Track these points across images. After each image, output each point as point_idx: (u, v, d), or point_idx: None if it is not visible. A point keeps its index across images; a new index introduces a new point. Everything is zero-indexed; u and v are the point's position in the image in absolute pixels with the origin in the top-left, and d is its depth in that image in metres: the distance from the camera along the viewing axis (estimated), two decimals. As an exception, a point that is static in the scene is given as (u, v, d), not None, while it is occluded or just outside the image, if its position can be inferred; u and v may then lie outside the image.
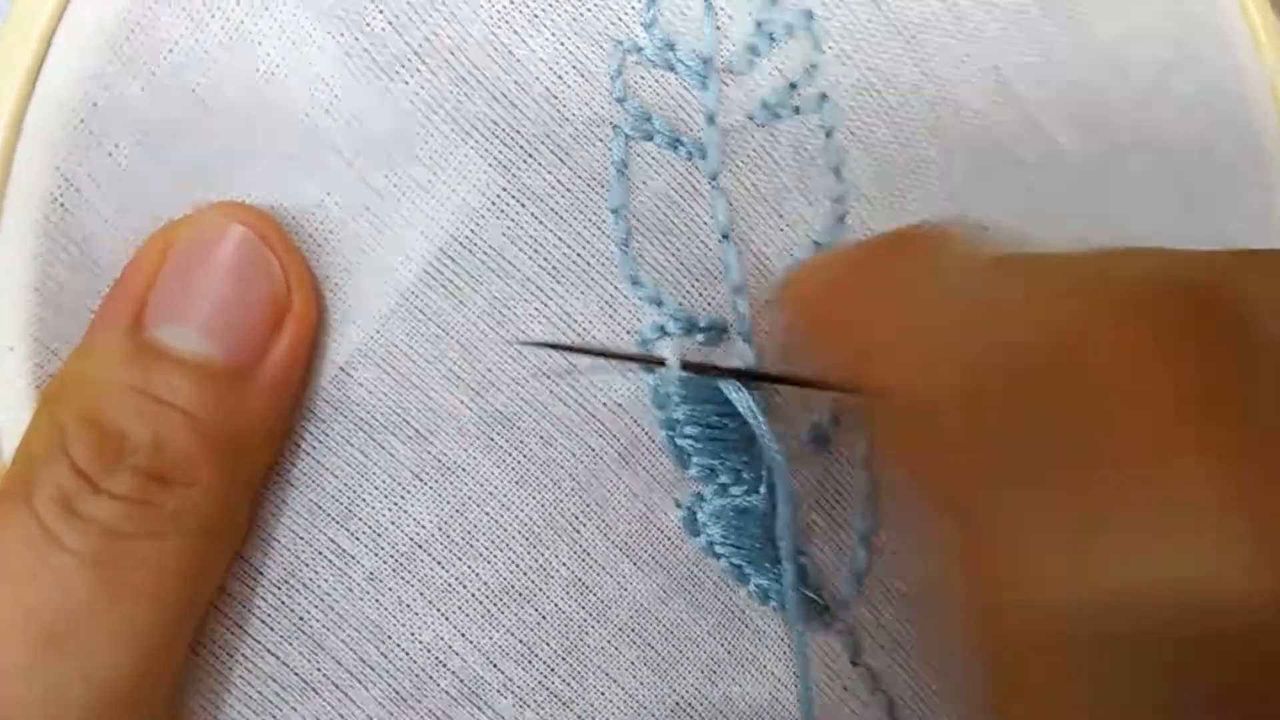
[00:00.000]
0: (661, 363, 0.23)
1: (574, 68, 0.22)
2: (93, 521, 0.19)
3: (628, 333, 0.24)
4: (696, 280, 0.24)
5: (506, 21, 0.22)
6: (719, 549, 0.25)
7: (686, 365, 0.23)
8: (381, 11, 0.21)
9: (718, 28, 0.23)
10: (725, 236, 0.24)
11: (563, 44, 0.22)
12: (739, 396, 0.24)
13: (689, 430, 0.24)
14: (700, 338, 0.24)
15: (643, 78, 0.23)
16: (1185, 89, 0.27)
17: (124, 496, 0.19)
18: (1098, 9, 0.26)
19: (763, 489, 0.25)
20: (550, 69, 0.22)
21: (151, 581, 0.19)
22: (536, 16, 0.22)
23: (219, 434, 0.20)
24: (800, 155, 0.24)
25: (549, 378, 0.23)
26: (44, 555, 0.18)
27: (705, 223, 0.24)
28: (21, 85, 0.20)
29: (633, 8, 0.23)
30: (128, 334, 0.20)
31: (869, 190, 0.25)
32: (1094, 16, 0.26)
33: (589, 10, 0.22)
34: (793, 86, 0.24)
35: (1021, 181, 0.26)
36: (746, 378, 0.24)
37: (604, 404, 0.24)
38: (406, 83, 0.22)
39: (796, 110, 0.24)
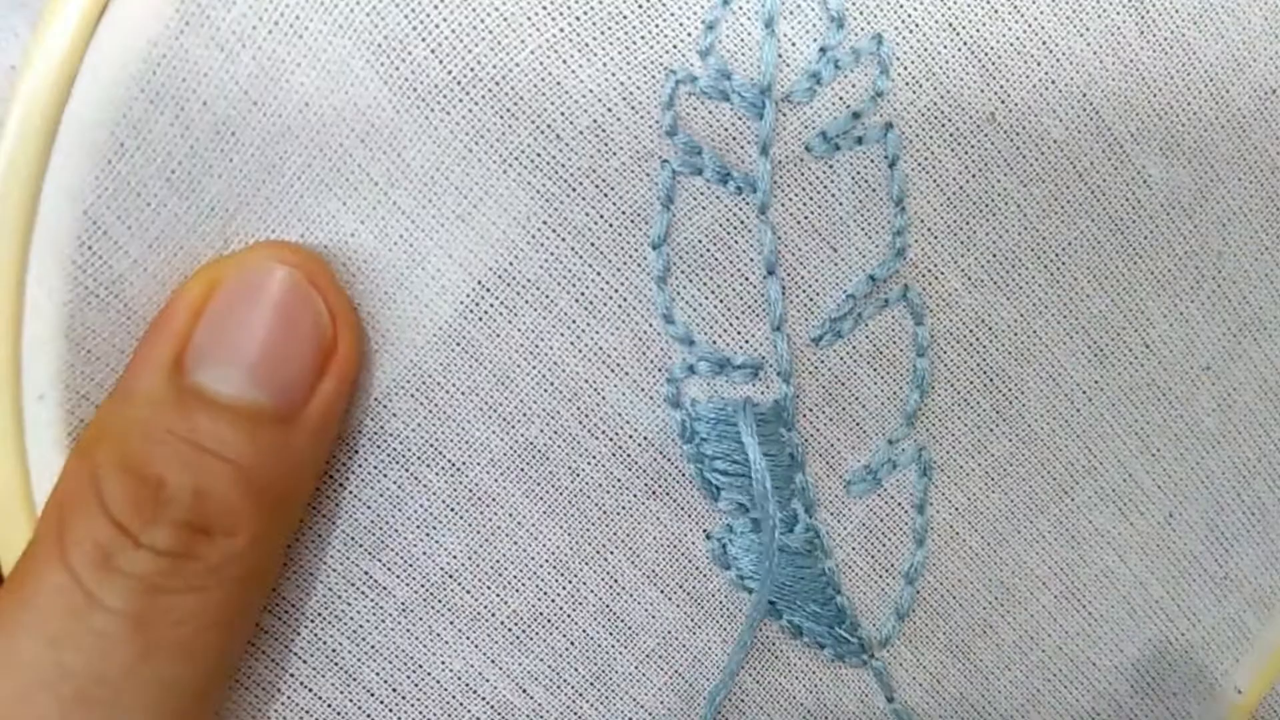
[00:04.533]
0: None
1: (624, 99, 0.21)
2: (132, 577, 0.18)
3: (659, 370, 0.23)
4: (736, 317, 0.23)
5: (555, 50, 0.21)
6: (749, 583, 0.24)
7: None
8: (424, 39, 0.20)
9: (779, 55, 0.22)
10: (770, 272, 0.23)
11: (613, 74, 0.21)
12: (745, 430, 0.23)
13: (718, 465, 0.24)
14: (736, 375, 0.23)
15: (695, 109, 0.22)
16: None
17: (166, 550, 0.18)
18: (1198, 31, 0.23)
19: (798, 528, 0.24)
20: (599, 100, 0.21)
21: (190, 636, 0.19)
22: (587, 45, 0.21)
23: (262, 482, 0.19)
24: (860, 186, 0.23)
25: (580, 410, 0.23)
26: (83, 616, 0.18)
27: (750, 258, 0.23)
28: (45, 127, 0.19)
29: (689, 35, 0.21)
30: (169, 377, 0.19)
31: (934, 223, 0.23)
32: (1195, 39, 0.24)
33: (642, 39, 0.21)
34: (856, 116, 0.22)
35: (1106, 215, 0.24)
36: None
37: (631, 437, 0.23)
38: (448, 113, 0.21)
39: (859, 140, 0.23)
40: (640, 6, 0.21)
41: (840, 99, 0.22)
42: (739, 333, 0.23)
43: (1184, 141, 0.24)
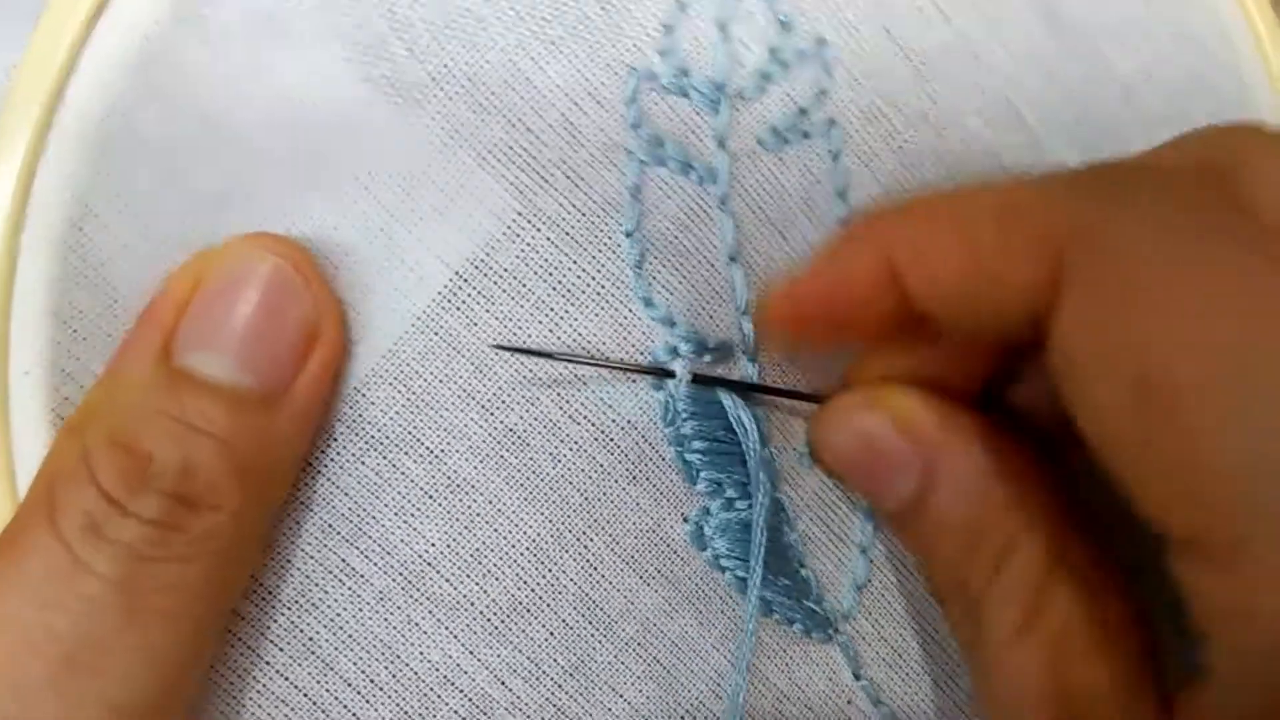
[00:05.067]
0: (669, 374, 0.24)
1: (590, 94, 0.23)
2: (120, 544, 0.19)
3: (641, 353, 0.24)
4: (706, 302, 0.24)
5: (524, 49, 0.22)
6: (724, 562, 0.25)
7: (697, 378, 0.24)
8: (401, 39, 0.22)
9: (732, 55, 0.23)
10: (733, 259, 0.24)
11: (579, 71, 0.23)
12: (730, 404, 0.24)
13: (696, 445, 0.24)
14: (709, 358, 0.24)
15: (656, 104, 0.23)
16: (1196, 118, 0.27)
17: (152, 520, 0.19)
18: (1114, 44, 0.26)
19: (766, 500, 0.25)
20: (567, 95, 0.23)
21: (174, 604, 0.19)
22: (554, 44, 0.22)
23: (247, 459, 0.20)
24: (807, 179, 0.25)
25: (561, 396, 0.24)
26: (71, 581, 0.18)
27: (714, 246, 0.24)
28: (43, 113, 0.20)
29: (649, 35, 0.23)
30: (157, 361, 0.20)
31: (874, 214, 0.25)
32: (1111, 51, 0.26)
33: (606, 38, 0.23)
34: (803, 112, 0.24)
35: None
36: (750, 389, 0.24)
37: (614, 421, 0.24)
38: (424, 109, 0.22)
39: (805, 135, 0.24)
40: (603, 10, 0.23)
41: (788, 96, 0.24)
42: (710, 316, 0.24)
43: (1098, 142, 0.27)
